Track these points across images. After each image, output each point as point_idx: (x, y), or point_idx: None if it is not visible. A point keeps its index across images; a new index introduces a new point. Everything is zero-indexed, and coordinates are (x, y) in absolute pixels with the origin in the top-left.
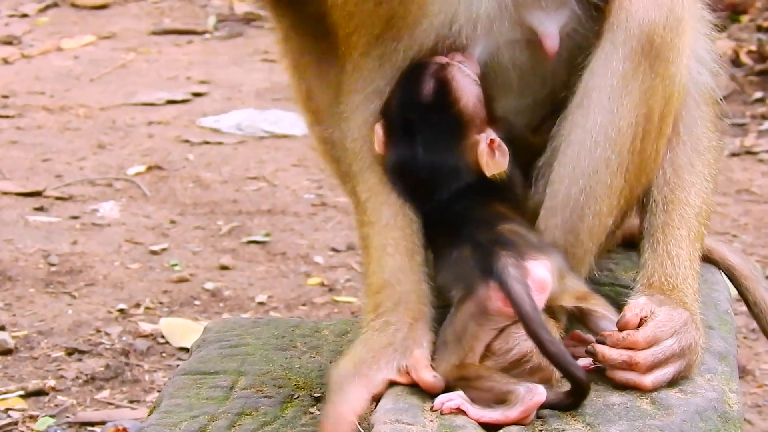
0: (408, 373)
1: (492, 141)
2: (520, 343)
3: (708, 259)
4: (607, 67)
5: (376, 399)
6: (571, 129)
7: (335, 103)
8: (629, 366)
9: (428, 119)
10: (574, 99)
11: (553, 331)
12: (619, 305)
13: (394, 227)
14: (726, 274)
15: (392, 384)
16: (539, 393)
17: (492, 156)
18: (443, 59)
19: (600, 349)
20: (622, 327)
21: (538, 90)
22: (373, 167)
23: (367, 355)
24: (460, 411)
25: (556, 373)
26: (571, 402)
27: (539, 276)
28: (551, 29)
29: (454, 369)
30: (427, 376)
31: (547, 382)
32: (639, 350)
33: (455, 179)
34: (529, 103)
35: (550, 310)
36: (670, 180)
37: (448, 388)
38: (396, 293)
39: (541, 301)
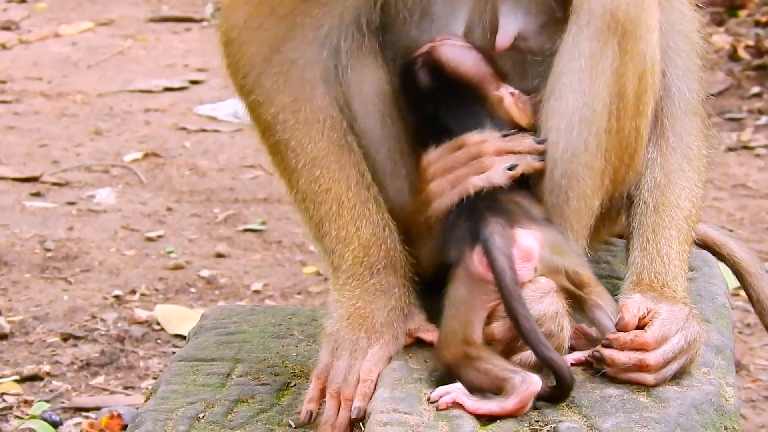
0: (412, 335)
1: (513, 93)
2: (533, 307)
3: (715, 252)
4: (575, 50)
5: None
6: (547, 116)
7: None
8: (639, 368)
9: (445, 95)
10: (547, 86)
11: (565, 319)
12: (614, 299)
13: (371, 184)
14: (732, 270)
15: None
16: (534, 383)
17: (519, 106)
18: (428, 44)
19: (608, 353)
20: (621, 329)
21: None
22: (336, 126)
23: (379, 317)
24: (456, 404)
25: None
26: (558, 393)
27: (525, 244)
28: (511, 28)
29: (459, 345)
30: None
31: (559, 349)
32: (649, 351)
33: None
34: None
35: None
36: (660, 182)
37: (448, 367)
38: (387, 250)
39: (526, 270)
